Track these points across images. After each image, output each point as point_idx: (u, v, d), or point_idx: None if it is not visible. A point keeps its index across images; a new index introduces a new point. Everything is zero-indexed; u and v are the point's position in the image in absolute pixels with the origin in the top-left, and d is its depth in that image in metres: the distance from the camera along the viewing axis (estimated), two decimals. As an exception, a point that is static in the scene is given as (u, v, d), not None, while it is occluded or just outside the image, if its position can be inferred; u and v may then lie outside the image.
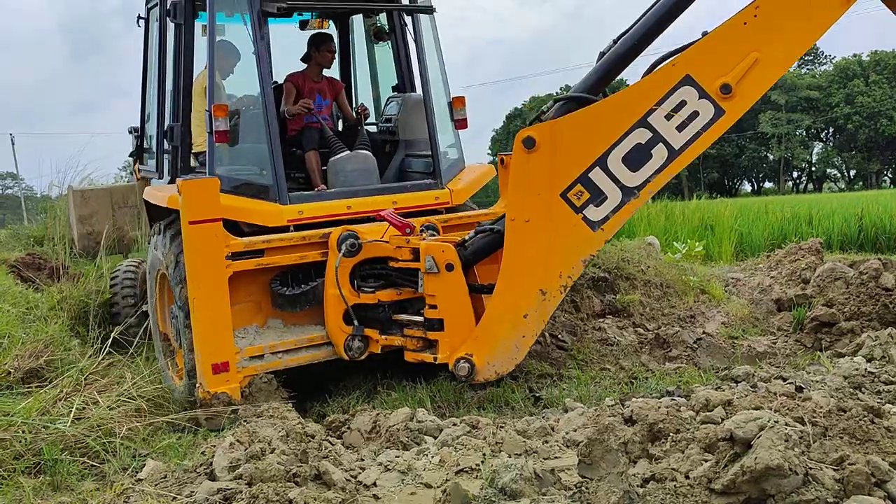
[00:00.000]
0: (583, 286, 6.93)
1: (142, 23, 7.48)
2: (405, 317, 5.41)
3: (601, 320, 6.76)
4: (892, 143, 57.16)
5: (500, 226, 5.07)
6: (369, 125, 7.05)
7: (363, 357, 5.48)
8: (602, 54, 4.93)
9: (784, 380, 4.66)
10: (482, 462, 3.72)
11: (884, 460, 2.92)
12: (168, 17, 6.16)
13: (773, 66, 4.50)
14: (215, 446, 3.94)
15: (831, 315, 6.47)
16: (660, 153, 4.63)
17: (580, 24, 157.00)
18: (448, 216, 6.08)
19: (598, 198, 4.71)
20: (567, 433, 4.09)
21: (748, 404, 3.46)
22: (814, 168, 64.19)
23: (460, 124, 6.57)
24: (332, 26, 7.59)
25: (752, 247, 11.82)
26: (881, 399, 4.26)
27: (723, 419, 3.34)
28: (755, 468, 2.78)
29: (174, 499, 3.53)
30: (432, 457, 3.87)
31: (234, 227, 5.40)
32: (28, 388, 5.04)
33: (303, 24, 7.30)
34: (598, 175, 4.69)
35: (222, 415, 4.81)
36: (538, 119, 5.00)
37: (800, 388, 4.05)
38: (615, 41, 4.88)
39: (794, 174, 65.13)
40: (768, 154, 61.33)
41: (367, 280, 5.45)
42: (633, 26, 4.84)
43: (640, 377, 5.82)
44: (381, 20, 7.11)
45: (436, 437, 4.30)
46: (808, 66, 63.74)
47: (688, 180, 55.19)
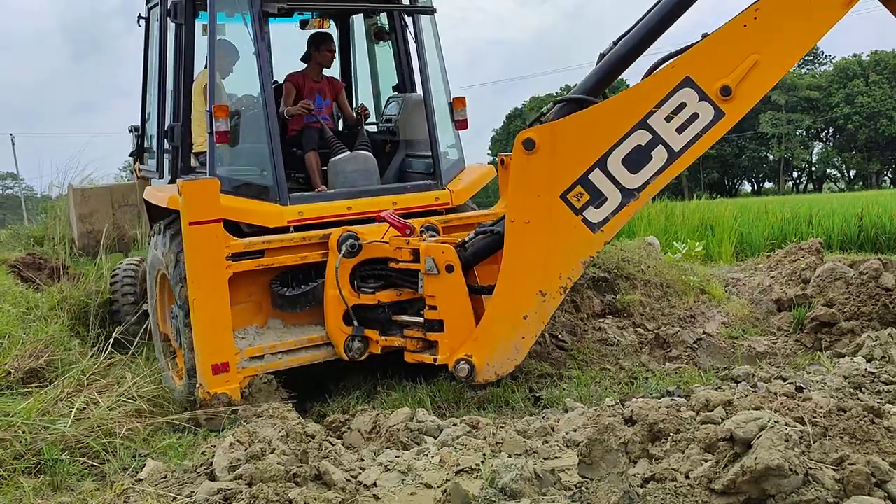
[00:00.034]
0: (583, 286, 6.93)
1: (142, 22, 7.49)
2: (405, 318, 5.41)
3: (601, 320, 6.75)
4: (892, 143, 57.16)
5: (500, 227, 5.07)
6: (369, 125, 7.05)
7: (363, 358, 5.48)
8: (602, 56, 4.93)
9: (784, 380, 4.67)
10: (482, 462, 3.72)
11: (884, 460, 2.92)
12: (168, 17, 6.16)
13: (773, 68, 4.49)
14: (215, 446, 3.94)
15: (831, 315, 6.47)
16: (659, 155, 4.62)
17: (580, 24, 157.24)
18: (448, 217, 6.07)
19: (597, 199, 4.71)
20: (567, 433, 4.09)
21: (748, 404, 3.46)
22: (814, 168, 64.19)
23: (461, 125, 6.56)
24: (332, 26, 7.59)
25: (753, 247, 11.82)
26: (881, 399, 4.26)
27: (723, 419, 3.34)
28: (755, 468, 2.78)
29: (174, 499, 3.53)
30: (432, 457, 3.87)
31: (234, 227, 5.41)
32: (28, 388, 5.05)
33: (303, 23, 7.30)
34: (597, 177, 4.69)
35: (222, 415, 4.81)
36: (538, 120, 4.99)
37: (800, 389, 4.05)
38: (615, 43, 4.88)
39: (794, 174, 65.13)
40: (768, 154, 61.32)
41: (368, 281, 5.44)
42: (633, 28, 4.83)
43: (640, 377, 5.82)
44: (382, 20, 7.10)
45: (436, 438, 4.30)
46: (808, 66, 63.72)
47: (688, 180, 55.17)
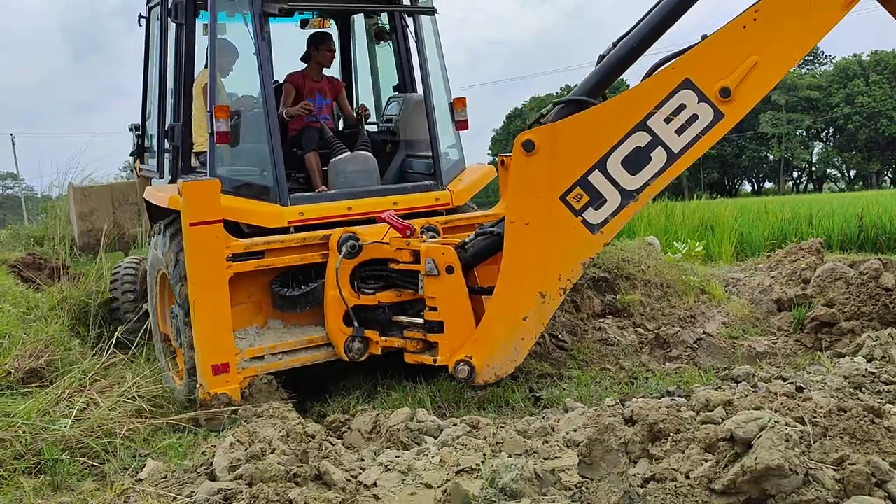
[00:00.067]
0: (583, 286, 6.93)
1: (143, 22, 7.49)
2: (405, 318, 5.41)
3: (601, 320, 6.75)
4: (892, 143, 57.15)
5: (500, 228, 5.06)
6: (370, 125, 7.05)
7: (363, 358, 5.48)
8: (602, 57, 4.93)
9: (784, 380, 4.67)
10: (482, 462, 3.72)
11: (884, 460, 2.93)
12: (169, 17, 6.16)
13: (773, 70, 4.49)
14: (215, 446, 3.94)
15: (831, 315, 6.47)
16: (659, 156, 4.62)
17: (580, 24, 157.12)
18: (448, 217, 6.07)
19: (597, 201, 4.71)
20: (567, 433, 4.09)
21: (748, 404, 3.47)
22: (814, 168, 64.19)
23: (461, 125, 6.56)
24: (332, 25, 7.59)
25: (753, 247, 11.82)
26: (881, 399, 4.26)
27: (723, 419, 3.34)
28: (755, 468, 2.78)
29: (174, 499, 3.53)
30: (432, 457, 3.87)
31: (234, 227, 5.41)
32: (28, 388, 5.05)
33: (303, 22, 7.30)
34: (597, 178, 4.69)
35: (222, 415, 4.81)
36: (538, 122, 4.99)
37: (800, 389, 4.05)
38: (615, 44, 4.88)
39: (795, 174, 65.14)
40: (768, 154, 61.33)
41: (368, 281, 5.44)
42: (632, 29, 4.83)
43: (640, 377, 5.82)
44: (383, 20, 7.10)
45: (436, 438, 4.30)
46: (809, 66, 63.72)
47: (688, 180, 55.16)
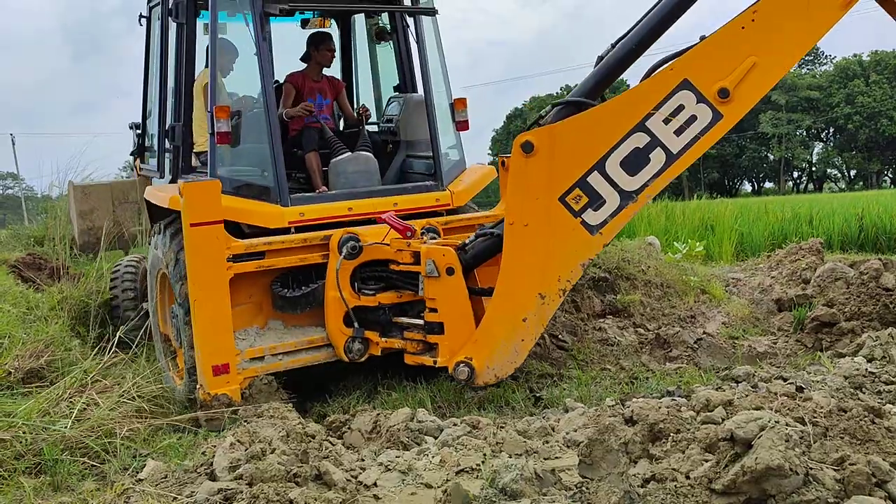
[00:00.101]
0: (583, 286, 6.93)
1: (143, 22, 7.49)
2: (405, 319, 5.40)
3: (602, 320, 6.75)
4: (892, 143, 57.15)
5: (500, 229, 5.06)
6: (370, 125, 7.04)
7: (363, 359, 5.48)
8: (600, 58, 4.93)
9: (785, 380, 4.67)
10: (483, 462, 3.72)
11: (884, 460, 2.93)
12: (170, 17, 6.16)
13: (771, 70, 4.48)
14: (216, 446, 3.94)
15: (832, 315, 6.47)
16: (658, 157, 4.62)
17: (580, 24, 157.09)
18: (449, 218, 6.06)
19: (596, 202, 4.71)
20: (567, 433, 4.09)
21: (749, 404, 3.47)
22: (814, 168, 64.19)
23: (462, 126, 6.55)
24: (333, 25, 7.59)
25: (753, 247, 11.82)
26: (882, 399, 4.26)
27: (723, 419, 3.34)
28: (756, 468, 2.78)
29: (175, 499, 3.53)
30: (433, 457, 3.86)
31: (235, 227, 5.40)
32: (28, 388, 5.05)
33: (304, 22, 7.29)
34: (596, 179, 4.68)
35: (222, 416, 4.81)
36: (536, 123, 4.99)
37: (800, 389, 4.06)
38: (613, 45, 4.87)
39: (795, 174, 65.13)
40: (769, 154, 61.33)
41: (368, 282, 5.44)
42: (631, 30, 4.83)
43: (640, 377, 5.82)
44: (383, 20, 7.09)
45: (436, 438, 4.30)
46: (809, 66, 63.73)
47: (688, 180, 55.17)
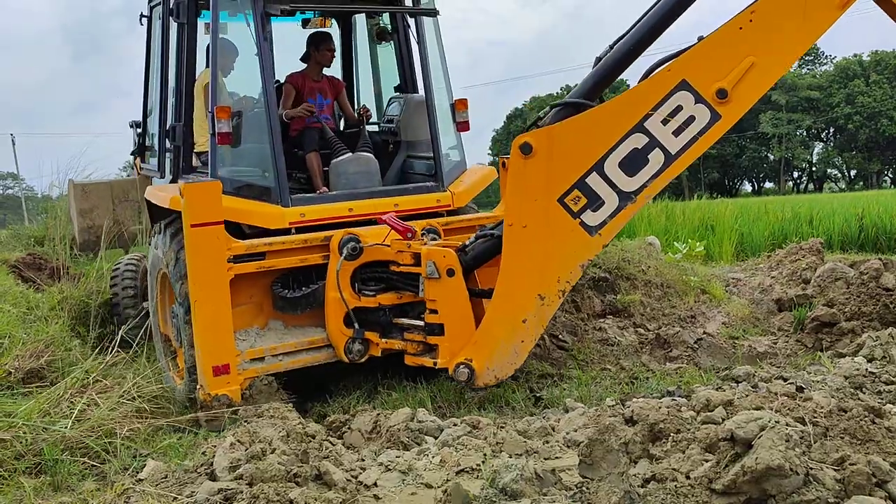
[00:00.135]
0: (583, 286, 6.93)
1: (144, 21, 7.48)
2: (405, 321, 5.41)
3: (602, 320, 6.75)
4: (892, 143, 57.15)
5: (500, 230, 5.06)
6: (371, 125, 7.04)
7: (363, 360, 5.48)
8: (598, 59, 4.93)
9: (785, 380, 4.67)
10: (483, 462, 3.72)
11: (885, 460, 2.93)
12: (171, 17, 6.15)
13: (769, 71, 4.48)
14: (216, 446, 3.94)
15: (832, 315, 6.47)
16: (656, 158, 4.62)
17: (580, 24, 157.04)
18: (449, 219, 6.05)
19: (595, 203, 4.71)
20: (568, 433, 4.09)
21: (749, 404, 3.47)
22: (814, 168, 64.18)
23: (462, 127, 6.54)
24: (334, 24, 7.58)
25: (753, 247, 11.82)
26: (882, 399, 4.26)
27: (723, 419, 3.34)
28: (756, 468, 2.78)
29: (175, 499, 3.53)
30: (433, 457, 3.87)
31: (236, 227, 5.40)
32: (28, 388, 5.05)
33: (305, 22, 7.29)
34: (595, 180, 4.68)
35: (223, 416, 4.81)
36: (535, 125, 4.99)
37: (800, 389, 4.06)
38: (611, 46, 4.87)
39: (795, 174, 65.13)
40: (769, 154, 61.32)
41: (368, 283, 5.44)
42: (629, 31, 4.83)
43: (640, 377, 5.82)
44: (384, 20, 7.09)
45: (436, 438, 4.30)
46: (809, 66, 63.73)
47: (688, 180, 55.17)
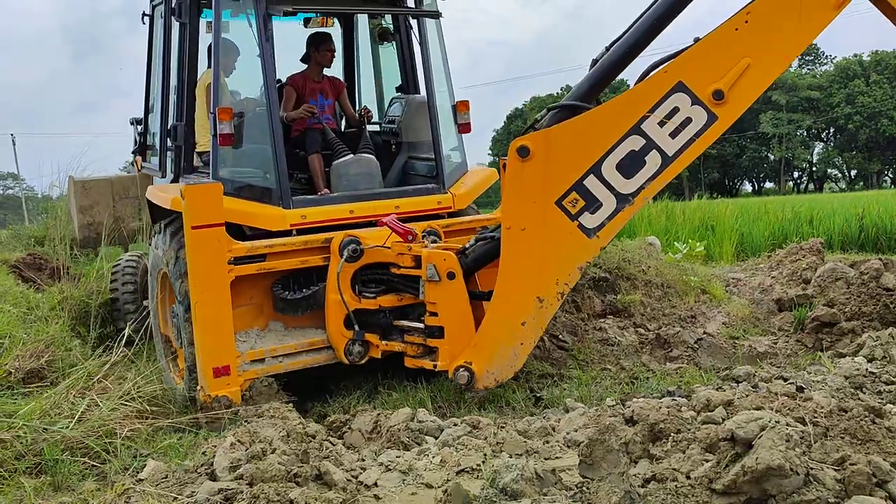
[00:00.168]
0: (584, 286, 6.93)
1: (146, 20, 7.48)
2: (406, 323, 5.41)
3: (602, 320, 6.75)
4: (892, 143, 57.15)
5: (500, 233, 5.07)
6: (372, 125, 7.04)
7: (363, 362, 5.48)
8: (595, 61, 4.93)
9: (785, 380, 4.67)
10: (483, 462, 3.72)
11: (885, 460, 2.93)
12: (173, 17, 6.15)
13: (766, 71, 4.49)
14: (216, 446, 3.94)
15: (832, 315, 6.47)
16: (653, 160, 4.62)
17: (580, 24, 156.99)
18: (450, 221, 6.05)
19: (593, 205, 4.71)
20: (568, 433, 4.09)
21: (749, 404, 3.47)
22: (814, 168, 64.19)
23: (464, 128, 6.54)
24: (336, 24, 7.58)
25: (753, 247, 11.82)
26: (882, 399, 4.26)
27: (724, 419, 3.34)
28: (756, 468, 2.78)
29: (175, 499, 3.53)
30: (433, 457, 3.87)
31: (236, 228, 5.40)
32: (29, 388, 5.05)
33: (306, 21, 7.28)
34: (592, 182, 4.69)
35: (223, 417, 4.81)
36: (532, 128, 5.00)
37: (801, 389, 4.06)
38: (608, 48, 4.88)
39: (795, 174, 65.14)
40: (769, 154, 61.33)
41: (369, 285, 5.45)
42: (625, 32, 4.83)
43: (640, 377, 5.81)
44: (386, 21, 7.08)
45: (437, 438, 4.30)
46: (809, 66, 63.77)
47: (688, 180, 55.19)
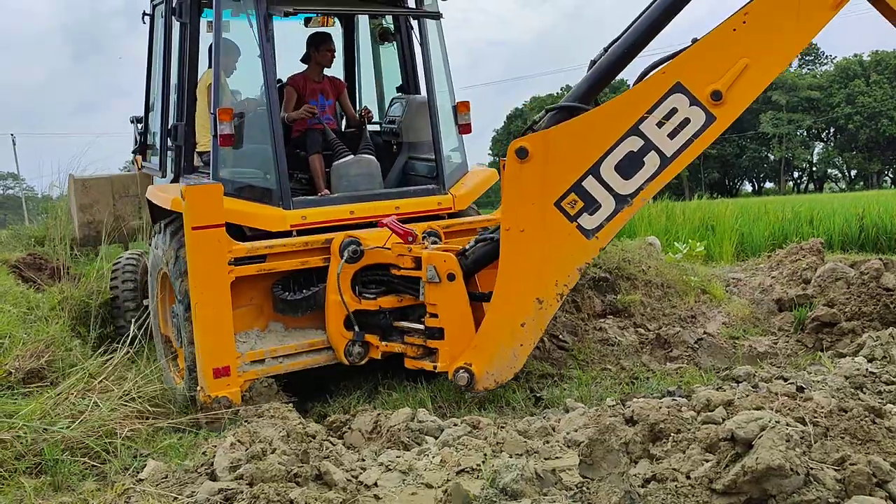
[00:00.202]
0: (584, 286, 6.93)
1: (147, 19, 7.48)
2: (406, 324, 5.41)
3: (602, 320, 6.75)
4: (892, 143, 57.15)
5: (499, 234, 5.07)
6: (372, 125, 7.03)
7: (363, 362, 5.48)
8: (593, 63, 4.93)
9: (785, 380, 4.67)
10: (483, 462, 3.72)
11: (885, 460, 2.93)
12: (173, 16, 6.15)
13: (764, 72, 4.49)
14: (216, 446, 3.94)
15: (832, 315, 6.47)
16: (652, 161, 4.63)
17: (580, 24, 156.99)
18: (450, 222, 6.05)
19: (591, 206, 4.72)
20: (568, 433, 4.09)
21: (749, 404, 3.47)
22: (815, 168, 64.18)
23: (464, 129, 6.54)
24: (336, 24, 7.57)
25: (753, 247, 11.82)
26: (882, 399, 4.26)
27: (724, 419, 3.34)
28: (756, 468, 2.78)
29: (175, 499, 3.53)
30: (433, 457, 3.87)
31: (237, 229, 5.39)
32: (29, 388, 5.06)
33: (307, 21, 7.28)
34: (591, 183, 4.70)
35: (223, 417, 4.81)
36: (530, 129, 5.00)
37: (801, 389, 4.06)
38: (606, 49, 4.88)
39: (795, 174, 65.13)
40: (769, 154, 61.33)
41: (369, 286, 5.45)
42: (623, 34, 4.83)
43: (640, 377, 5.81)
44: (387, 21, 7.08)
45: (437, 438, 4.30)
46: (809, 66, 63.77)
47: (688, 180, 55.18)
